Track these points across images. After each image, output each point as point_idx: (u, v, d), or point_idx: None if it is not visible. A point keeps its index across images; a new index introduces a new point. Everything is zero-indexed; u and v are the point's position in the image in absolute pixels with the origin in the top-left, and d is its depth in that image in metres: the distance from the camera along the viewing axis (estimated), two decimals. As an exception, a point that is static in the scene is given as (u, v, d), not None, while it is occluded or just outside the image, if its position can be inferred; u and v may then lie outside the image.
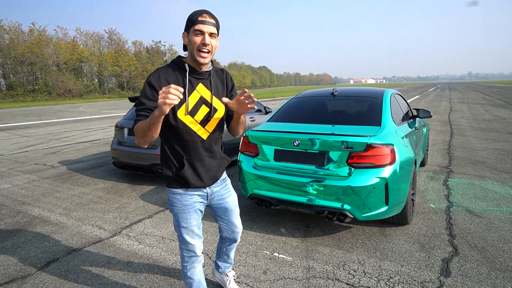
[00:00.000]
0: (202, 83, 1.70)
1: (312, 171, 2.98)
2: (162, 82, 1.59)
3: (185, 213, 1.79)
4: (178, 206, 1.78)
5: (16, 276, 2.55)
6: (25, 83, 39.57)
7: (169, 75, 1.62)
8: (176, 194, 1.76)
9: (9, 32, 40.16)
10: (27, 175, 5.56)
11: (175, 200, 1.78)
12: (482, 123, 10.93)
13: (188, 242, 1.84)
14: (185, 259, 1.91)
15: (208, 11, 1.61)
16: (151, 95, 1.58)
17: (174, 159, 1.73)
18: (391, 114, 3.41)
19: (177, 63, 1.66)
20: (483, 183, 4.57)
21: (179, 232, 1.84)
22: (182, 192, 1.76)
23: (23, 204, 4.17)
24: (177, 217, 1.80)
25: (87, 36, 53.55)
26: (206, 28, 1.57)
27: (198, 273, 1.96)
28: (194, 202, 1.81)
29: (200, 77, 1.69)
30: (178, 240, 1.93)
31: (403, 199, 3.00)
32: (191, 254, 1.89)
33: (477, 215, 3.50)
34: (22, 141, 9.32)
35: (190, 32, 1.59)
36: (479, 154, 6.35)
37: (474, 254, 2.72)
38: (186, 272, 1.94)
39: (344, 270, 2.54)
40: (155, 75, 1.60)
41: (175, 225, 1.85)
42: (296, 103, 4.07)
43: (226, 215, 2.03)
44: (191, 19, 1.59)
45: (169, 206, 1.83)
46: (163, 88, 1.38)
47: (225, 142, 5.35)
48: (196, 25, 1.57)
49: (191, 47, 1.60)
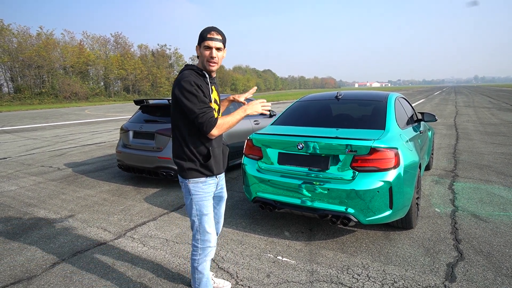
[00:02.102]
0: (214, 86, 2.01)
1: (316, 174, 2.98)
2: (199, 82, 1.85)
3: (206, 200, 1.97)
4: (201, 194, 1.95)
5: (22, 277, 2.58)
6: (33, 86, 40.06)
7: (196, 79, 1.86)
8: (199, 183, 1.94)
9: (17, 36, 40.77)
10: (33, 177, 5.62)
11: (197, 189, 1.94)
12: (488, 127, 10.84)
13: (206, 232, 1.99)
14: (198, 252, 2.00)
15: (216, 28, 1.91)
16: (201, 92, 1.83)
17: (198, 152, 1.92)
18: (396, 118, 3.40)
19: (196, 71, 1.90)
20: (489, 187, 4.53)
21: (200, 221, 1.97)
22: (204, 180, 1.96)
23: (29, 206, 4.21)
24: (199, 205, 1.95)
25: (94, 40, 54.17)
26: (213, 44, 1.87)
27: (208, 268, 2.04)
28: (211, 190, 2.01)
29: (212, 81, 2.00)
30: (194, 232, 2.01)
31: (408, 203, 2.99)
32: (206, 244, 2.00)
33: (483, 220, 3.47)
34: (29, 144, 9.43)
35: (201, 47, 1.90)
36: (485, 158, 6.30)
37: (480, 259, 2.70)
38: (196, 267, 2.01)
39: (348, 274, 2.53)
40: (193, 77, 1.84)
41: (195, 215, 1.96)
42: (301, 107, 4.08)
43: (219, 205, 2.25)
44: (202, 35, 1.89)
45: (189, 197, 1.95)
46: (254, 101, 1.95)
47: (229, 145, 5.37)
48: (206, 41, 1.87)
49: (202, 58, 1.91)
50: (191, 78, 1.82)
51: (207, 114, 1.82)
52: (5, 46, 38.19)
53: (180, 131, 1.92)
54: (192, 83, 1.81)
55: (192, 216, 1.98)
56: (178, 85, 1.83)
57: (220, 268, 2.66)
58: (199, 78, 1.88)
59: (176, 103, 1.86)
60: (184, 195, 2.00)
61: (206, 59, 1.89)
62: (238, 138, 5.57)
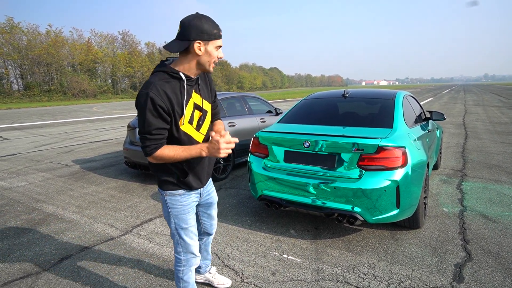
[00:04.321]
0: (194, 89, 1.69)
1: (322, 172, 2.96)
2: (162, 96, 1.52)
3: (185, 213, 1.80)
4: (178, 207, 1.78)
5: (31, 272, 2.62)
6: (41, 84, 40.54)
7: (165, 87, 1.54)
8: (177, 196, 1.76)
9: (27, 34, 41.24)
10: (42, 173, 5.70)
11: (174, 202, 1.77)
12: (498, 126, 10.67)
13: (187, 243, 1.85)
14: (181, 263, 1.89)
15: None
16: (157, 114, 1.52)
17: (174, 167, 1.71)
18: (403, 116, 3.36)
19: (169, 73, 1.58)
20: (498, 187, 4.46)
21: (178, 235, 1.82)
22: (182, 193, 1.77)
23: (38, 202, 4.27)
24: (178, 219, 1.79)
25: (102, 38, 54.54)
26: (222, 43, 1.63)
27: (192, 276, 1.96)
28: (192, 202, 1.84)
29: (193, 83, 1.67)
30: (176, 244, 1.87)
31: (415, 202, 2.96)
32: (189, 256, 1.88)
33: (492, 220, 3.42)
34: (37, 140, 9.55)
35: (209, 45, 1.57)
36: (494, 157, 6.20)
37: (489, 260, 2.66)
38: (181, 277, 1.91)
39: (354, 273, 2.52)
40: (154, 91, 1.50)
41: (173, 228, 1.82)
42: (307, 105, 4.05)
43: (210, 209, 2.09)
44: (212, 32, 1.55)
45: (167, 209, 1.79)
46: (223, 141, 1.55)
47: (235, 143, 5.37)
48: (219, 40, 1.59)
49: (208, 59, 1.60)
50: (152, 91, 1.49)
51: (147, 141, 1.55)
52: (15, 44, 38.68)
53: None
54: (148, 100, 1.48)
55: (172, 230, 1.83)
56: (138, 94, 1.54)
57: (226, 266, 2.66)
58: (171, 84, 1.56)
59: None
60: (162, 206, 1.84)
61: (213, 60, 1.61)
62: (244, 136, 5.57)
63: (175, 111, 1.58)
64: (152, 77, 1.57)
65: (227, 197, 4.34)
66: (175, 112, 1.58)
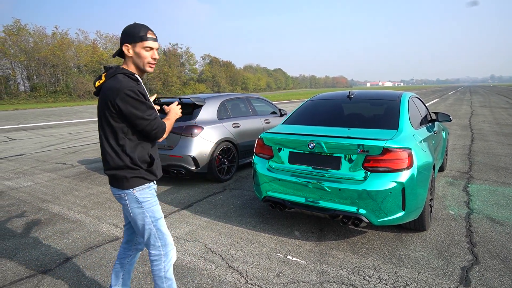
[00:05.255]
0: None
1: (327, 174, 2.95)
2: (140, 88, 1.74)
3: (156, 203, 1.87)
4: (150, 199, 1.83)
5: (37, 271, 2.64)
6: (48, 85, 40.91)
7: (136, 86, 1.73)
8: (145, 189, 1.82)
9: (33, 36, 41.68)
10: (48, 174, 5.74)
11: (145, 195, 1.81)
12: (505, 127, 10.56)
13: (165, 234, 1.88)
14: (161, 259, 1.87)
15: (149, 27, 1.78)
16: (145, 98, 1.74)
17: (140, 159, 1.79)
18: (409, 118, 3.34)
19: (127, 75, 1.73)
20: (506, 190, 4.41)
21: (155, 227, 1.84)
22: (148, 185, 1.84)
23: (44, 202, 4.30)
24: (151, 211, 1.83)
25: (107, 39, 54.95)
26: (155, 45, 1.77)
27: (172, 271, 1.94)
28: (156, 194, 1.92)
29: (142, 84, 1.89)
30: (153, 241, 1.85)
31: (421, 204, 2.93)
32: (169, 248, 1.89)
33: (500, 223, 3.38)
34: (43, 141, 9.64)
35: (137, 47, 1.73)
36: (502, 160, 6.13)
37: (496, 263, 2.63)
38: (163, 275, 1.87)
39: (358, 276, 2.50)
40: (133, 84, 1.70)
41: (150, 223, 1.82)
42: (312, 106, 4.04)
43: None
44: (138, 35, 1.72)
45: (138, 206, 1.80)
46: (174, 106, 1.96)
47: (240, 144, 5.37)
48: (146, 41, 1.73)
49: (141, 60, 1.76)
50: (132, 85, 1.68)
51: (158, 120, 1.77)
52: (22, 46, 39.11)
53: (117, 140, 1.74)
54: (137, 91, 1.68)
55: (146, 225, 1.82)
56: (120, 95, 1.64)
57: (230, 267, 2.66)
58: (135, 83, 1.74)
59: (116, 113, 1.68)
60: (130, 208, 1.80)
61: (147, 61, 1.76)
62: (248, 137, 5.57)
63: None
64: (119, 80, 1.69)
65: (232, 198, 4.34)
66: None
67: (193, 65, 68.42)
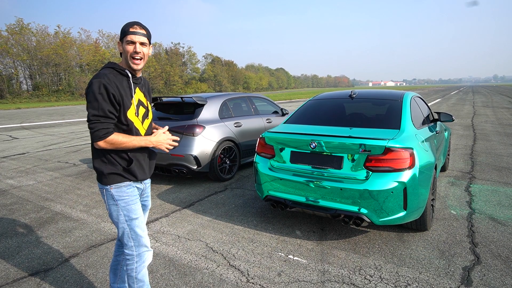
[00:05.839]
0: (138, 87, 1.86)
1: (329, 173, 2.95)
2: (113, 85, 1.69)
3: (133, 203, 1.83)
4: (126, 198, 1.80)
5: (39, 269, 2.65)
6: (50, 84, 41.05)
7: (114, 79, 1.72)
8: (122, 187, 1.79)
9: (36, 35, 41.82)
10: (50, 172, 5.77)
11: (121, 194, 1.79)
12: (508, 128, 10.52)
13: (140, 236, 1.84)
14: (134, 259, 1.84)
15: (139, 22, 1.78)
16: (107, 98, 1.67)
17: (119, 157, 1.78)
18: (411, 117, 3.33)
19: (117, 69, 1.76)
20: (508, 190, 4.39)
21: (129, 227, 1.81)
22: (128, 184, 1.82)
23: (46, 200, 4.32)
24: (126, 210, 1.80)
25: (109, 38, 55.05)
26: (137, 38, 1.74)
27: (147, 275, 1.90)
28: (137, 193, 1.87)
29: (137, 81, 1.86)
30: (126, 241, 1.82)
31: (422, 204, 2.93)
32: (143, 249, 1.85)
33: (502, 223, 3.37)
34: (46, 140, 9.67)
35: (123, 42, 1.75)
36: (504, 160, 6.11)
37: (498, 263, 2.62)
38: (135, 276, 1.84)
39: (360, 275, 2.50)
40: (106, 79, 1.67)
41: (123, 221, 1.80)
42: (314, 105, 4.04)
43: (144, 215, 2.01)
44: (123, 30, 1.74)
45: (113, 203, 1.79)
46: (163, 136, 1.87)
47: (241, 143, 5.38)
48: (128, 35, 1.73)
49: (126, 55, 1.76)
50: (104, 79, 1.66)
51: (99, 124, 1.66)
52: (24, 45, 39.24)
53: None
54: (101, 86, 1.64)
55: (120, 223, 1.80)
56: (89, 83, 1.68)
57: (231, 266, 2.66)
58: (118, 78, 1.73)
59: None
60: (107, 203, 1.81)
61: (130, 55, 1.74)
62: (250, 136, 5.57)
63: (124, 101, 1.74)
64: (102, 70, 1.74)
65: (233, 197, 4.35)
66: (124, 102, 1.74)
67: (195, 64, 68.51)
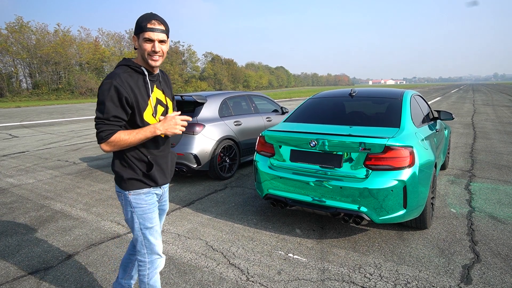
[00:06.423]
0: (155, 85, 1.75)
1: (329, 172, 2.95)
2: (126, 87, 1.58)
3: (150, 212, 1.77)
4: (144, 206, 1.74)
5: (39, 268, 2.65)
6: (50, 82, 40.99)
7: (128, 79, 1.61)
8: (141, 194, 1.73)
9: (36, 33, 41.74)
10: (50, 171, 5.77)
11: (139, 201, 1.73)
12: (508, 126, 10.51)
13: (153, 244, 1.80)
14: (146, 266, 1.82)
15: (157, 16, 1.62)
16: (118, 102, 1.57)
17: (138, 161, 1.71)
18: (411, 116, 3.33)
19: (132, 67, 1.65)
20: (508, 188, 4.39)
21: (143, 235, 1.77)
22: (147, 191, 1.75)
23: (46, 199, 4.32)
24: (143, 218, 1.75)
25: (109, 37, 54.93)
26: (156, 36, 1.60)
27: (158, 281, 1.90)
28: (155, 201, 1.81)
29: (154, 79, 1.74)
30: (139, 247, 1.80)
31: (422, 202, 2.93)
32: (155, 257, 1.83)
33: (501, 222, 3.37)
34: (46, 138, 9.67)
35: (140, 38, 1.61)
36: (504, 158, 6.11)
37: (498, 261, 2.62)
38: (147, 282, 1.84)
39: (359, 273, 2.50)
40: (118, 80, 1.56)
41: (138, 229, 1.76)
42: (314, 104, 4.04)
43: (160, 219, 2.00)
44: (140, 25, 1.59)
45: (130, 209, 1.74)
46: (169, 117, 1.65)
47: (241, 142, 5.37)
48: (146, 32, 1.59)
49: (141, 52, 1.63)
50: (116, 80, 1.56)
51: (104, 126, 1.56)
52: (24, 43, 39.17)
53: None
54: (112, 88, 1.54)
55: (135, 230, 1.76)
56: (101, 83, 1.59)
57: (231, 264, 2.67)
58: (134, 77, 1.64)
59: None
60: (124, 208, 1.76)
61: (147, 53, 1.62)
62: (250, 135, 5.57)
63: (139, 103, 1.63)
64: (116, 69, 1.64)
65: (233, 196, 4.35)
66: (139, 104, 1.63)
67: (195, 63, 68.37)
